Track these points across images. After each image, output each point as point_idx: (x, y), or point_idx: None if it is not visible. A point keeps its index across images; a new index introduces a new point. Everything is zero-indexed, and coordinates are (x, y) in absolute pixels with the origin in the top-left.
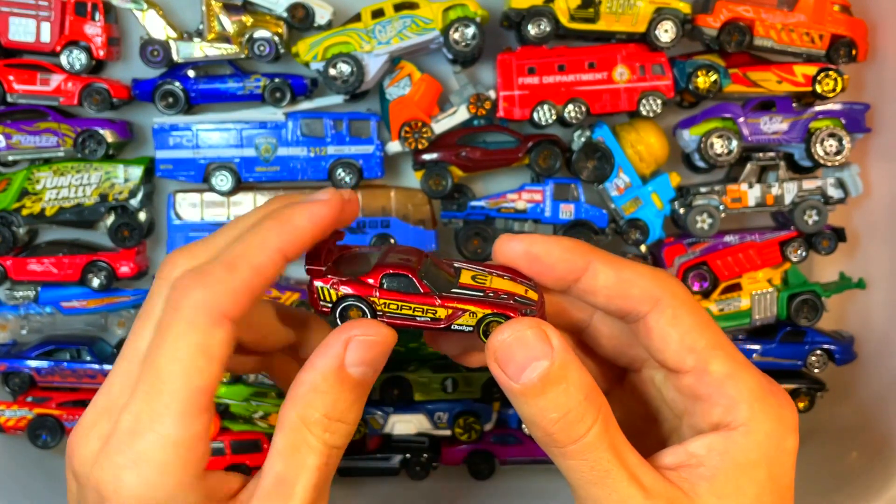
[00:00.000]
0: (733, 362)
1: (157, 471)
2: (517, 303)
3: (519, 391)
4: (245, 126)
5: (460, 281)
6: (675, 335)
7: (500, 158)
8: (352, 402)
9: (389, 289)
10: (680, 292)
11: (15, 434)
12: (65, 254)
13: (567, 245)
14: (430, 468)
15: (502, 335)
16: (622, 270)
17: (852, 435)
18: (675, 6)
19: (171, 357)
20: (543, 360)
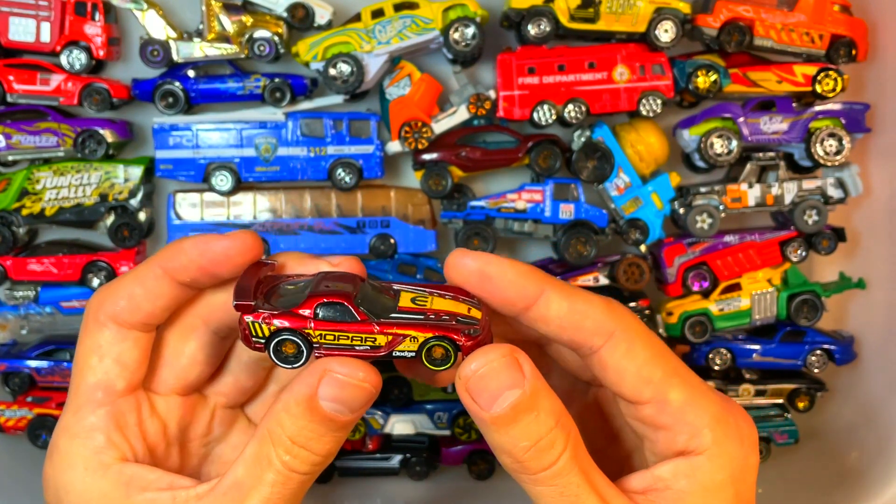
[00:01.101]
0: (690, 389)
1: (62, 459)
2: (460, 323)
3: (490, 420)
4: (245, 126)
5: (399, 304)
6: (632, 368)
7: (500, 158)
8: (321, 434)
9: (325, 318)
10: (633, 324)
11: (15, 434)
12: (65, 254)
13: (521, 270)
14: (430, 468)
15: (473, 365)
16: (575, 301)
17: (852, 435)
18: (675, 6)
19: (74, 359)
20: (515, 388)
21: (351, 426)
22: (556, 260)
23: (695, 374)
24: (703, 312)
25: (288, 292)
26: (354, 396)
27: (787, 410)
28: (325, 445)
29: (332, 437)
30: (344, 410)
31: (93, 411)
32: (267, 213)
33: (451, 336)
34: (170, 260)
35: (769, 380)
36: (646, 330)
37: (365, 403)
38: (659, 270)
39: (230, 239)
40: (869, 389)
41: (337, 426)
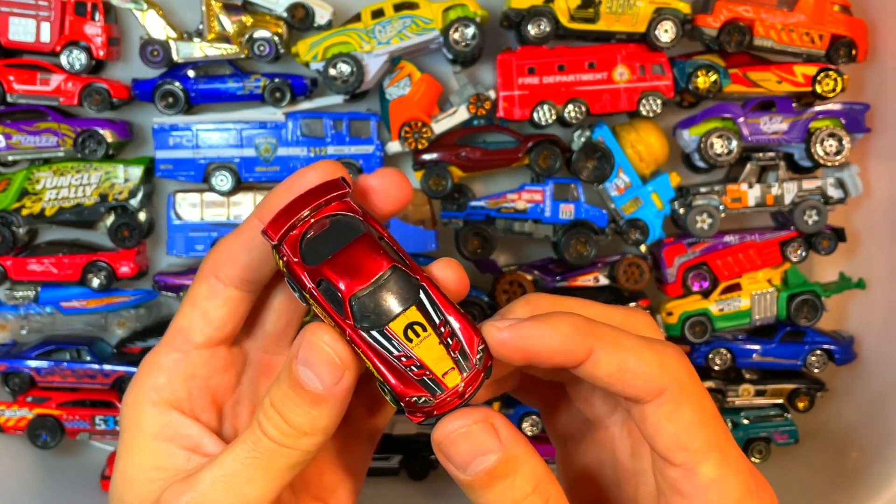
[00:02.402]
0: (724, 466)
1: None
2: (418, 386)
3: (466, 482)
4: (245, 126)
5: (390, 325)
6: (671, 430)
7: (500, 158)
8: (294, 403)
9: (323, 294)
10: (686, 382)
11: (15, 434)
12: (65, 254)
13: (563, 333)
14: (431, 468)
15: (449, 427)
16: (626, 359)
17: (852, 435)
18: (675, 6)
19: None
20: (490, 454)
21: (325, 407)
22: (556, 260)
23: (736, 448)
24: (703, 312)
25: (325, 236)
26: (320, 363)
27: (787, 410)
28: (297, 417)
29: (304, 411)
30: (312, 378)
31: (167, 353)
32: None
33: (398, 392)
34: (263, 206)
35: (769, 380)
36: (698, 390)
37: (333, 380)
38: (659, 270)
39: (314, 169)
40: (869, 389)
41: (308, 398)
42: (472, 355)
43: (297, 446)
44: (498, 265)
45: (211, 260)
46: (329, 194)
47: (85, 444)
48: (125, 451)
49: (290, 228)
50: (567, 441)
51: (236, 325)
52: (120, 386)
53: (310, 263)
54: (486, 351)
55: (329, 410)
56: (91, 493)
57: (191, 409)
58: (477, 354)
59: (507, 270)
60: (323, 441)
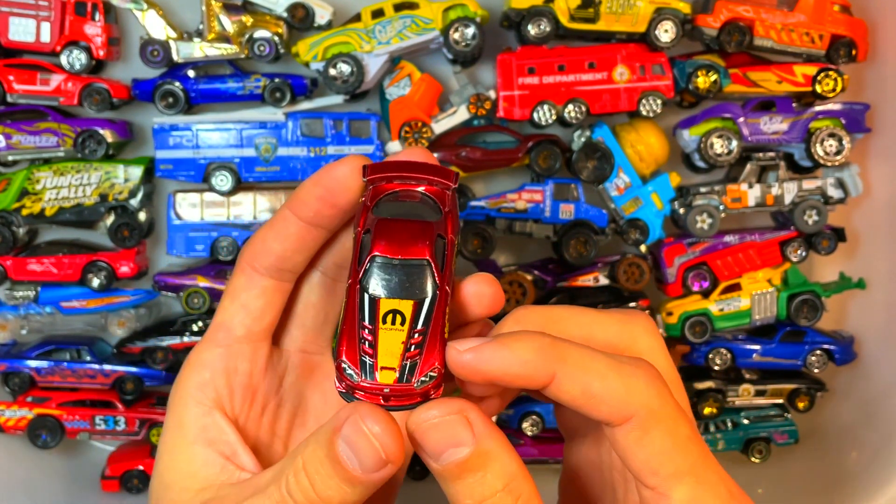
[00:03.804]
0: (699, 490)
1: (176, 381)
2: (357, 360)
3: (437, 471)
4: (245, 126)
5: (382, 300)
6: (641, 456)
7: (500, 158)
8: (328, 474)
9: (361, 240)
10: (655, 406)
11: (15, 434)
12: (65, 254)
13: (524, 357)
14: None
15: (423, 416)
16: (590, 384)
17: (852, 435)
18: (675, 6)
19: None
20: (462, 447)
21: (360, 489)
22: (556, 260)
23: (715, 471)
24: (703, 312)
25: (406, 204)
26: (365, 450)
27: (787, 410)
28: (327, 490)
29: (337, 485)
30: (352, 459)
31: (209, 348)
32: (267, 214)
33: (336, 353)
34: (293, 197)
35: (769, 380)
36: (672, 414)
37: (374, 468)
38: (659, 270)
39: (344, 164)
40: (869, 389)
41: (344, 476)
42: (417, 374)
43: None
44: (498, 265)
45: (246, 252)
46: (438, 177)
47: (85, 444)
48: (166, 452)
49: (385, 179)
50: (572, 435)
51: (274, 316)
52: (120, 386)
53: (375, 213)
54: (434, 382)
55: (363, 491)
56: (91, 493)
57: (232, 407)
58: (422, 377)
59: (506, 270)
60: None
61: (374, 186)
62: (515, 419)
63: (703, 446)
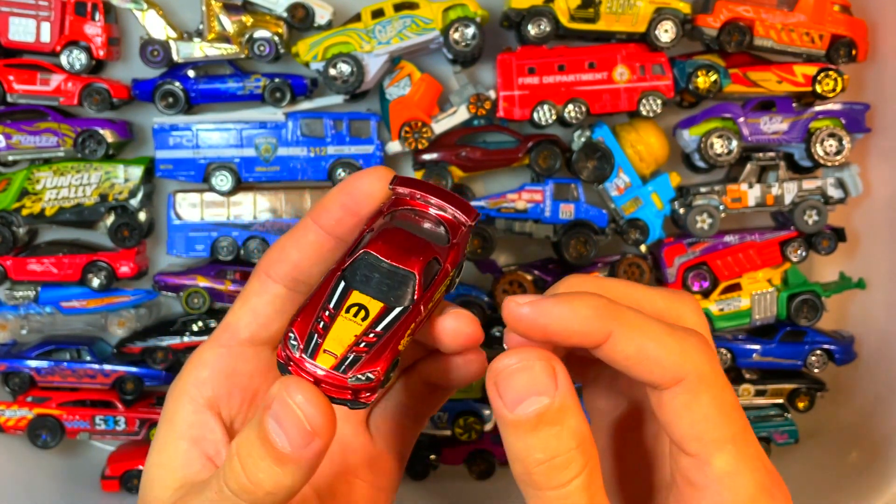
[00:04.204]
0: (739, 460)
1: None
2: (306, 334)
3: (511, 422)
4: (245, 126)
5: (356, 292)
6: (687, 420)
7: (500, 158)
8: (259, 455)
9: (362, 237)
10: (706, 372)
11: (15, 434)
12: (65, 254)
13: (582, 314)
14: (430, 468)
15: (508, 360)
16: (645, 344)
17: (852, 435)
18: (675, 6)
19: None
20: (544, 396)
21: (291, 468)
22: (557, 260)
23: (753, 443)
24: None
25: (420, 223)
26: (291, 423)
27: (787, 410)
28: (258, 473)
29: (268, 467)
30: (280, 436)
31: (212, 347)
32: (267, 213)
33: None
34: (316, 205)
35: (769, 380)
36: (718, 381)
37: (301, 443)
38: (659, 270)
39: (368, 174)
40: (869, 389)
41: (274, 455)
42: (355, 370)
43: (259, 503)
44: (498, 265)
45: (265, 259)
46: (459, 210)
47: (85, 444)
48: (155, 447)
49: (409, 195)
50: (597, 416)
51: (282, 325)
52: (120, 386)
53: (386, 219)
54: (369, 385)
55: (294, 472)
56: (91, 493)
57: (229, 408)
58: (359, 374)
59: (507, 270)
60: (287, 499)
61: (397, 198)
62: None
63: (745, 418)
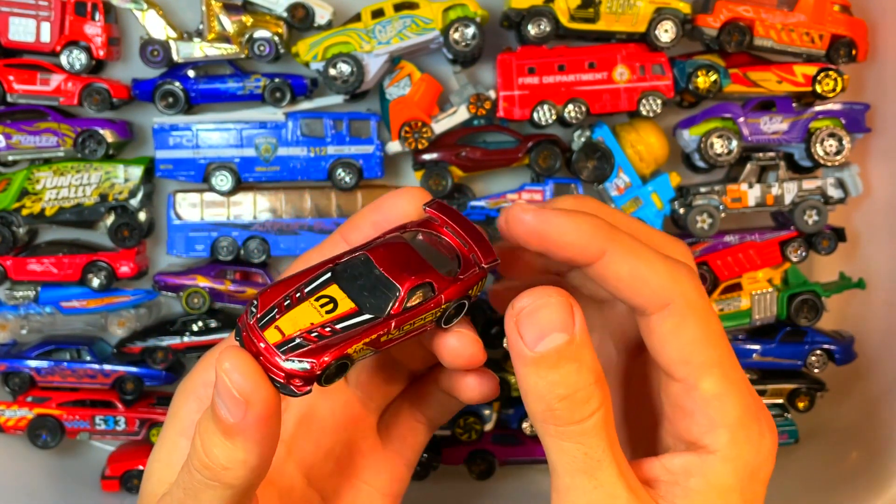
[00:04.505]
0: (725, 383)
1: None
2: (267, 309)
3: (532, 359)
4: (245, 126)
5: (336, 285)
6: (675, 343)
7: (500, 158)
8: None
9: (373, 241)
10: (694, 298)
11: (15, 434)
12: (65, 254)
13: (581, 228)
14: (431, 468)
15: (527, 299)
16: (638, 266)
17: (852, 435)
18: (675, 6)
19: None
20: (564, 332)
21: (240, 440)
22: None
23: (739, 369)
24: None
25: (437, 251)
26: (224, 394)
27: (787, 410)
28: (213, 448)
29: (220, 441)
30: (223, 408)
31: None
32: (267, 213)
33: (258, 293)
34: (347, 222)
35: (769, 380)
36: (705, 308)
37: (237, 413)
38: None
39: (406, 194)
40: (869, 389)
41: (223, 429)
42: (295, 354)
43: (219, 479)
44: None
45: (291, 268)
46: (480, 252)
47: (85, 444)
48: (158, 441)
49: (438, 220)
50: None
51: None
52: (120, 386)
53: (403, 234)
54: (302, 372)
55: (244, 444)
56: (91, 493)
57: None
58: (297, 359)
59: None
60: (248, 477)
61: (425, 220)
62: (515, 419)
63: (728, 344)
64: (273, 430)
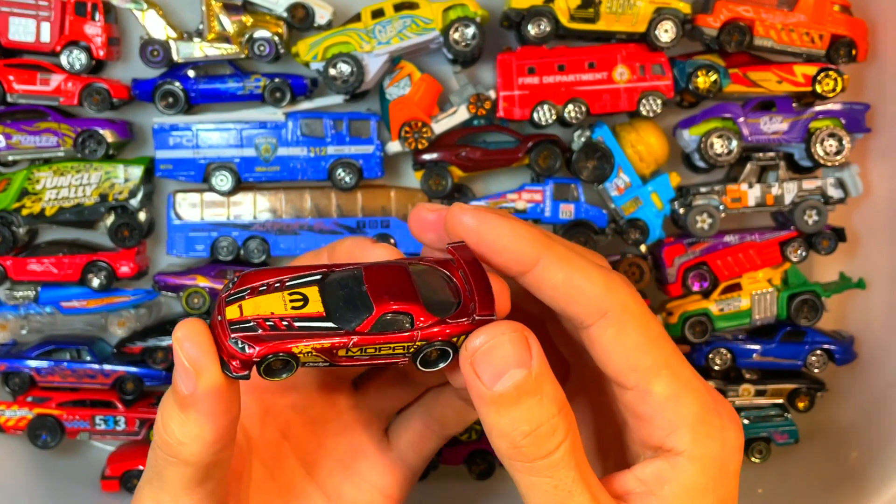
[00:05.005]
0: (677, 383)
1: None
2: (239, 295)
3: (492, 398)
4: (245, 126)
5: (315, 287)
6: (619, 352)
7: (500, 158)
8: (171, 406)
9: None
10: (630, 304)
11: (15, 434)
12: (65, 254)
13: (519, 234)
14: (430, 468)
15: (480, 339)
16: (572, 274)
17: (852, 435)
18: (675, 6)
19: None
20: (521, 368)
21: (192, 413)
22: None
23: (688, 367)
24: (704, 312)
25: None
26: (178, 364)
27: (787, 410)
28: (171, 422)
29: (177, 415)
30: (179, 380)
31: None
32: (267, 213)
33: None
34: (332, 247)
35: (769, 380)
36: (643, 313)
37: (188, 384)
38: (659, 270)
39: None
40: (869, 389)
41: (178, 401)
42: (243, 337)
43: (177, 455)
44: None
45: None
46: (479, 303)
47: (85, 444)
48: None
49: (454, 261)
50: None
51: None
52: (120, 386)
53: (415, 264)
54: (241, 355)
55: (197, 417)
56: (91, 493)
57: None
58: (243, 342)
59: None
60: (203, 453)
61: (444, 260)
62: None
63: (673, 344)
64: (226, 405)
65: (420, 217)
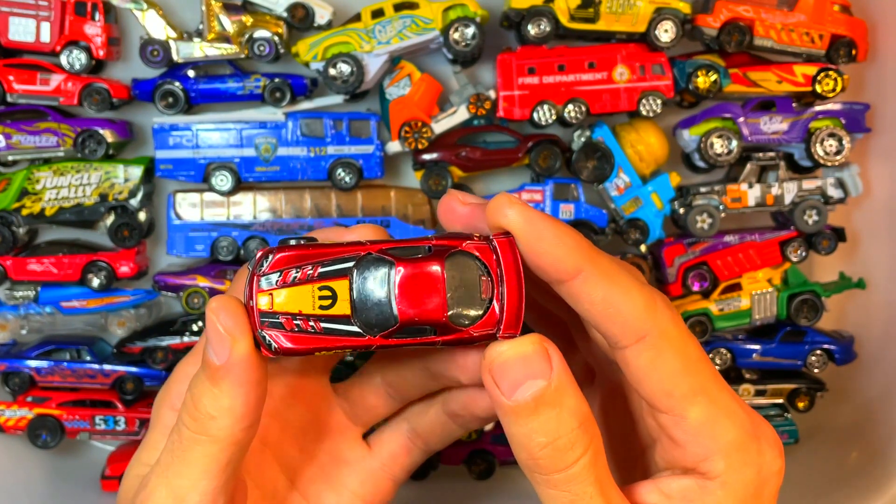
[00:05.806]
0: (714, 409)
1: None
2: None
3: (510, 409)
4: (245, 126)
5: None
6: (654, 377)
7: (500, 158)
8: (201, 379)
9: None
10: (670, 328)
11: (15, 434)
12: (65, 254)
13: (563, 240)
14: (430, 468)
15: (501, 348)
16: (612, 292)
17: (852, 435)
18: (675, 6)
19: None
20: (540, 379)
21: (225, 384)
22: None
23: (727, 391)
24: (704, 312)
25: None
26: (212, 334)
27: (787, 410)
28: (203, 398)
29: (209, 391)
30: (212, 353)
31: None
32: (267, 213)
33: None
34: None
35: (769, 380)
36: (682, 337)
37: (223, 351)
38: (659, 270)
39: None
40: (869, 389)
41: (210, 376)
42: (270, 329)
43: (206, 432)
44: None
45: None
46: (507, 312)
47: (85, 444)
48: (140, 446)
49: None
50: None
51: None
52: (120, 386)
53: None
54: (262, 350)
55: (229, 388)
56: (91, 493)
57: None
58: (267, 334)
59: None
60: (233, 428)
61: (490, 240)
62: None
63: (713, 368)
64: (258, 375)
65: (451, 207)
